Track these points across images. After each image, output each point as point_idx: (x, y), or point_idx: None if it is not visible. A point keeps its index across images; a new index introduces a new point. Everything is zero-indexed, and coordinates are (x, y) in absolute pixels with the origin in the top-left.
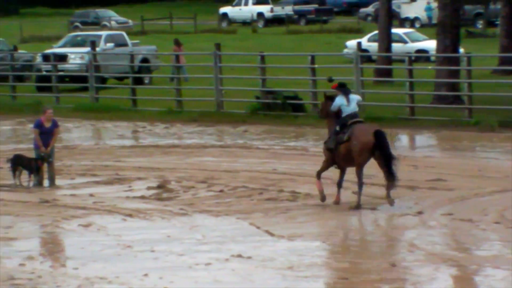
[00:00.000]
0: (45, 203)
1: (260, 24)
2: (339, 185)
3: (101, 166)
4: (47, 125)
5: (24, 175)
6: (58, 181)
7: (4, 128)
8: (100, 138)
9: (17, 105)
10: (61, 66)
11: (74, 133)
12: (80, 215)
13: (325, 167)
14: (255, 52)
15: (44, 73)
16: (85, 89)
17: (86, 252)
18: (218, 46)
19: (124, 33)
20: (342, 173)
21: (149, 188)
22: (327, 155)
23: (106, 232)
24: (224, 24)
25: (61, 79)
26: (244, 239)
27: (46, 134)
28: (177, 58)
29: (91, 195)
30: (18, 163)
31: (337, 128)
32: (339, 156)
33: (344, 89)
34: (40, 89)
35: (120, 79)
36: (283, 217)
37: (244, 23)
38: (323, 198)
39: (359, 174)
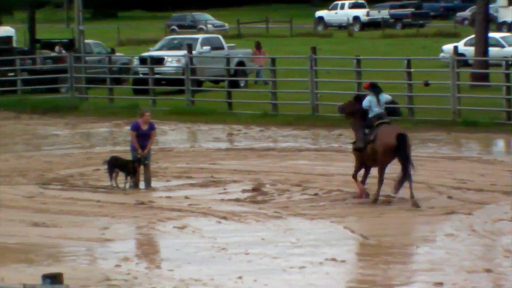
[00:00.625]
0: (141, 205)
1: (356, 28)
2: (362, 182)
3: (197, 169)
4: (144, 127)
5: (121, 177)
6: (154, 183)
7: (101, 130)
8: (195, 141)
9: (114, 107)
10: (157, 69)
11: (170, 136)
12: (175, 217)
13: (358, 168)
14: (350, 56)
15: (141, 76)
16: (181, 92)
17: (181, 254)
18: (313, 50)
19: (220, 37)
20: (366, 172)
21: (244, 191)
22: (356, 155)
23: (201, 234)
24: (320, 28)
25: (158, 82)
26: (338, 243)
27: (143, 137)
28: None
29: (186, 197)
30: (115, 165)
31: (366, 130)
32: (366, 155)
33: (375, 89)
34: (136, 92)
35: (216, 82)
36: (378, 221)
37: (340, 27)
38: (364, 195)
39: (380, 172)
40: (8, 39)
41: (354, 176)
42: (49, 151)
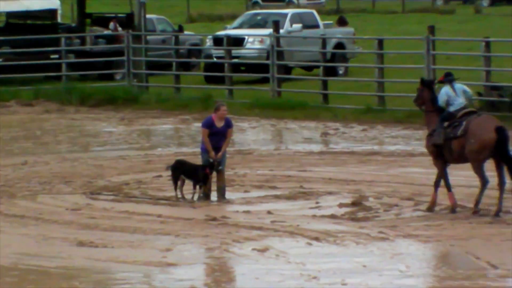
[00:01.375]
0: (213, 221)
1: (485, 2)
2: (437, 184)
3: (282, 177)
4: (219, 124)
5: (188, 186)
6: (229, 194)
7: (165, 127)
8: (281, 142)
9: (181, 99)
10: (236, 51)
11: (250, 135)
12: (255, 237)
13: (441, 170)
14: (477, 37)
15: (215, 60)
16: (264, 80)
17: (261, 283)
18: (431, 30)
19: (314, 12)
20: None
21: (341, 205)
22: (434, 151)
23: (287, 259)
24: (439, 2)
25: (236, 67)
26: (459, 273)
27: (217, 136)
28: None
29: (269, 212)
30: (180, 171)
31: (445, 123)
32: (449, 152)
33: (449, 78)
34: (209, 80)
35: (309, 68)
36: (509, 245)
37: (465, 1)
38: (453, 208)
39: (479, 172)
40: (51, 13)
41: (437, 184)
42: (99, 152)
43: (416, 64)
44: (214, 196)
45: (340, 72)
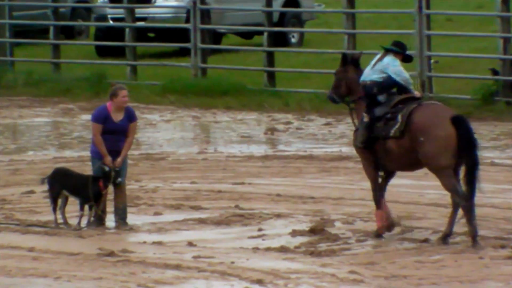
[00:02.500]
0: (109, 257)
1: None
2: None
3: (210, 192)
4: (117, 117)
5: (72, 205)
6: (132, 218)
7: (38, 121)
8: (208, 142)
9: (62, 80)
10: (141, 11)
11: (162, 132)
12: (171, 279)
13: (372, 180)
14: None
15: (111, 23)
16: (183, 53)
17: None
18: None
19: None
20: (386, 179)
21: (294, 233)
22: (363, 157)
23: None
24: None
25: (142, 34)
26: None
27: (115, 134)
28: None
29: (190, 243)
30: (61, 184)
31: (376, 111)
32: (385, 156)
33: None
34: (103, 52)
35: (247, 35)
36: None
37: None
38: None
39: (449, 186)
40: None
41: (376, 198)
42: None
43: (402, 28)
44: (111, 220)
45: (293, 40)
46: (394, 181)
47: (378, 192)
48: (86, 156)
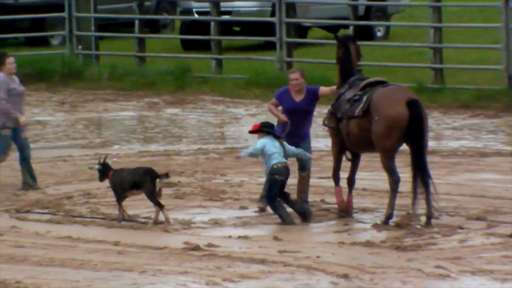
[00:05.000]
0: (194, 251)
1: None
2: (350, 182)
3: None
4: (298, 97)
5: (140, 200)
6: (217, 212)
7: (123, 115)
8: None
9: (147, 73)
10: (226, 4)
11: (248, 126)
12: (256, 273)
13: (335, 158)
14: None
15: (196, 17)
16: (268, 46)
17: None
18: None
19: None
20: (354, 163)
21: (380, 227)
22: (331, 133)
23: None
24: None
25: (227, 28)
26: None
27: (296, 115)
28: None
29: (276, 238)
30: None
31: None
32: (348, 137)
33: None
34: (188, 46)
35: (333, 29)
36: None
37: None
38: (343, 211)
39: (388, 166)
40: None
41: (335, 176)
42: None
43: (488, 22)
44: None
45: (379, 34)
46: (481, 176)
47: (338, 172)
48: (171, 150)
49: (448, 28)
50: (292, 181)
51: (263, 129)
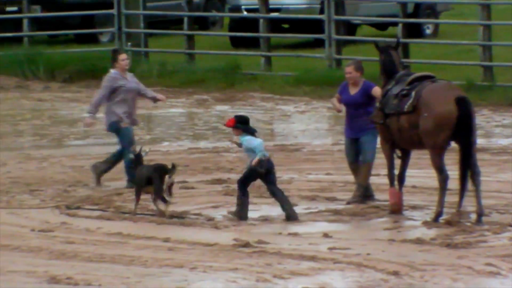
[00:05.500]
0: (244, 248)
1: None
2: (400, 179)
3: (345, 184)
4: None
5: (190, 198)
6: (267, 209)
7: (173, 112)
8: (342, 133)
9: (196, 70)
10: (274, 2)
11: (297, 124)
12: (306, 270)
13: (387, 156)
14: None
15: (245, 14)
16: (317, 44)
17: None
18: None
19: None
20: (404, 160)
21: (430, 225)
22: (379, 130)
23: None
24: None
25: (276, 25)
26: None
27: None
28: None
29: (326, 235)
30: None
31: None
32: (396, 133)
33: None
34: (237, 43)
35: (382, 26)
36: None
37: None
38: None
39: (437, 163)
40: None
41: (390, 175)
42: (78, 148)
43: None
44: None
45: (428, 31)
46: None
47: (392, 170)
48: (220, 147)
49: (497, 26)
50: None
51: (237, 126)
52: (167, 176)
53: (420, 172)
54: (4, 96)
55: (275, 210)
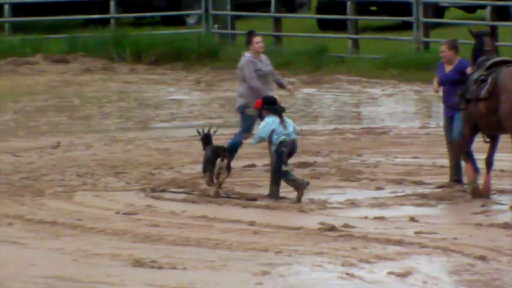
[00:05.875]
0: (330, 232)
1: None
2: (488, 163)
3: (432, 168)
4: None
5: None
6: (353, 193)
7: None
8: (430, 116)
9: (282, 53)
10: None
11: (384, 107)
12: (392, 255)
13: (465, 137)
14: None
15: None
16: (405, 26)
17: None
18: None
19: None
20: (492, 145)
21: None
22: (463, 117)
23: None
24: None
25: (363, 8)
26: None
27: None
28: None
29: (412, 219)
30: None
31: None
32: (478, 118)
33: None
34: (324, 25)
35: (470, 9)
36: None
37: None
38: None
39: None
40: None
41: (464, 152)
42: (164, 130)
43: None
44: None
45: None
46: None
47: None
48: (307, 130)
49: None
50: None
51: (265, 106)
52: (218, 160)
53: (508, 156)
54: (91, 78)
55: (361, 194)
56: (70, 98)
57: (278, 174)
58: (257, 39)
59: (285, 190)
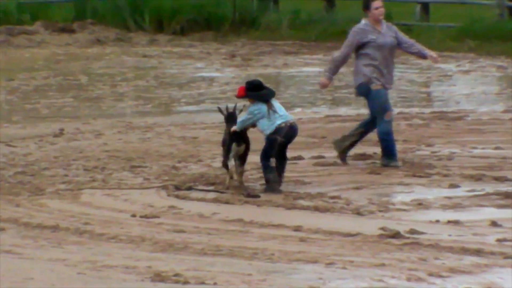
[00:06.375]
0: (393, 239)
1: None
2: None
3: None
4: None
5: (326, 176)
6: (421, 191)
7: (307, 71)
8: None
9: (340, 21)
10: None
11: (459, 86)
12: (469, 267)
13: None
14: None
15: None
16: None
17: None
18: None
19: None
20: None
21: None
22: None
23: None
24: None
25: None
26: None
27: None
28: None
29: (493, 223)
30: None
31: None
32: None
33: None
34: None
35: None
36: None
37: None
38: None
39: None
40: None
41: None
42: (190, 115)
43: None
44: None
45: None
46: None
47: None
48: (365, 115)
49: None
50: None
51: (249, 94)
52: (234, 144)
53: None
54: (102, 51)
55: (431, 193)
56: (76, 75)
57: (263, 164)
58: (377, 3)
59: (339, 187)
